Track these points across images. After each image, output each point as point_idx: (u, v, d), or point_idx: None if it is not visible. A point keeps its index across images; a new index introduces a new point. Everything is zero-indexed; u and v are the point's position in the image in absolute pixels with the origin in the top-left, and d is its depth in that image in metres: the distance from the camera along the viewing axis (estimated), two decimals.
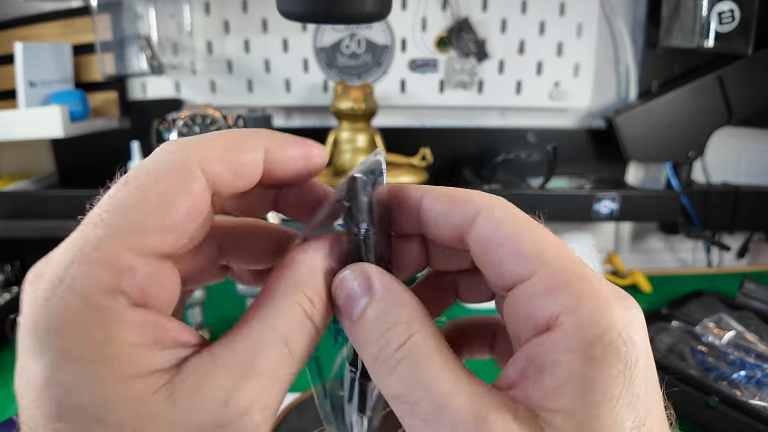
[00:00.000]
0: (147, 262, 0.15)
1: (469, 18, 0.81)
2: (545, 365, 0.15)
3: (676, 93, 0.80)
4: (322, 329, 0.18)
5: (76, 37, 0.82)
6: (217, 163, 0.16)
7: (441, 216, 0.18)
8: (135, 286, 0.15)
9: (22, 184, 0.82)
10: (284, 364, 0.17)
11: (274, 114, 0.83)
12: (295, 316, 0.17)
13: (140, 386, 0.14)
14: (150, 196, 0.15)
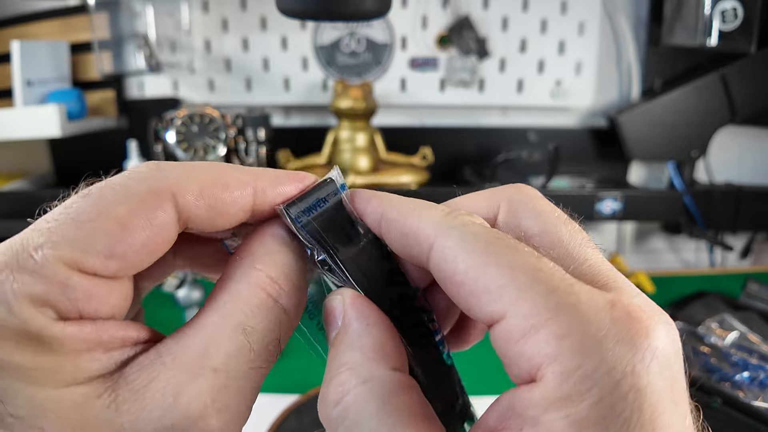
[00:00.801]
0: (86, 278, 0.14)
1: (470, 16, 0.80)
2: (525, 422, 0.13)
3: (679, 92, 0.79)
4: (294, 312, 0.16)
5: (74, 36, 0.81)
6: (193, 196, 0.15)
7: (399, 247, 0.16)
8: (66, 302, 0.13)
9: (19, 183, 0.82)
10: (243, 356, 0.15)
11: (272, 113, 0.83)
12: (255, 300, 0.15)
13: (80, 393, 0.13)
14: (105, 215, 0.14)
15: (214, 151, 0.58)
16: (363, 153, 0.77)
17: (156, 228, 0.14)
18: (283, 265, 0.16)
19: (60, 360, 0.13)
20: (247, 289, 0.15)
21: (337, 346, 0.15)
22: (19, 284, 0.13)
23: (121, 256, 0.14)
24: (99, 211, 0.14)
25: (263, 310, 0.15)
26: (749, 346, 0.55)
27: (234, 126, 0.60)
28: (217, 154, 0.58)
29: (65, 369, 0.13)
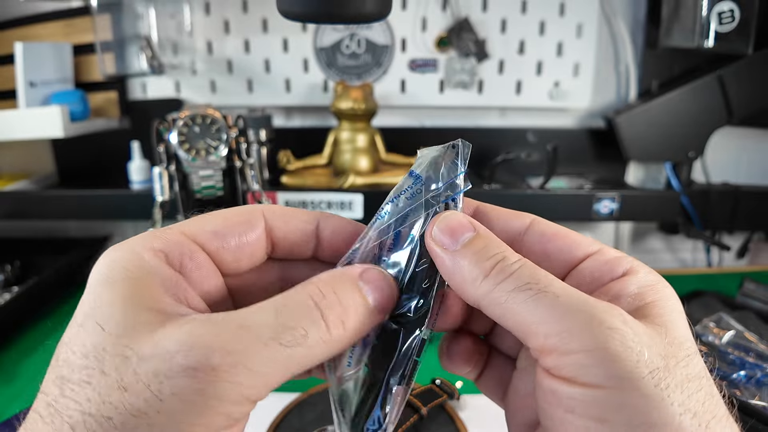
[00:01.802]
0: (190, 242, 0.19)
1: (469, 18, 0.81)
2: (631, 294, 0.20)
3: (676, 93, 0.80)
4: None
5: (77, 37, 0.82)
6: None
7: (503, 223, 0.22)
8: (175, 251, 0.19)
9: (22, 184, 0.83)
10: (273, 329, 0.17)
11: (274, 114, 0.83)
12: (304, 304, 0.18)
13: (147, 317, 0.16)
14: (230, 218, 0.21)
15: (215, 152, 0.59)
16: (363, 153, 0.77)
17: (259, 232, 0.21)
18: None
19: (147, 287, 0.18)
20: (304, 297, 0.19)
21: (481, 240, 0.20)
22: (144, 239, 0.19)
23: (221, 242, 0.20)
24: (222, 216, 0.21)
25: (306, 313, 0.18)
26: (746, 345, 0.56)
27: (235, 127, 0.60)
28: (219, 154, 0.59)
29: (148, 294, 0.18)
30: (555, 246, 0.21)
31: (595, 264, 0.21)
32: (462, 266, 0.19)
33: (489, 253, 0.19)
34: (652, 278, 0.20)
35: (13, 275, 0.78)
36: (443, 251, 0.20)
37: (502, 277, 0.19)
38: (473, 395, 0.53)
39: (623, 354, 0.16)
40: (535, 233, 0.22)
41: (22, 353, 0.62)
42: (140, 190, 0.78)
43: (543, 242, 0.22)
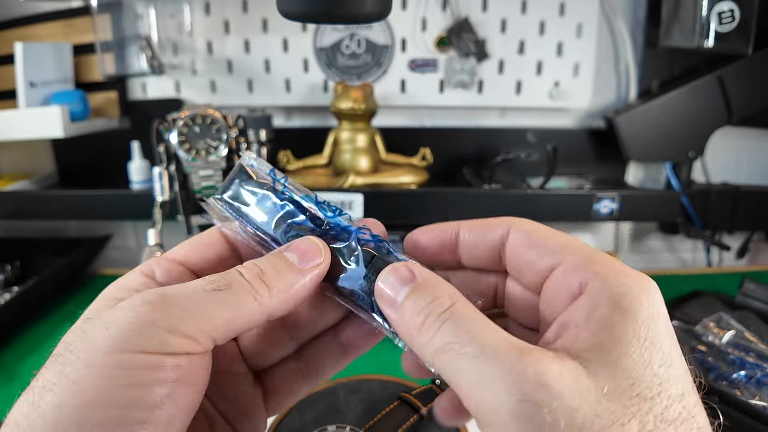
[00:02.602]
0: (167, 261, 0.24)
1: (469, 18, 0.81)
2: (579, 320, 0.18)
3: (676, 93, 0.80)
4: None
5: (77, 37, 0.82)
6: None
7: (478, 242, 0.23)
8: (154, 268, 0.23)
9: (23, 184, 0.83)
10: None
11: (274, 114, 0.83)
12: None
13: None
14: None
15: (215, 152, 0.59)
16: (363, 153, 0.78)
17: None
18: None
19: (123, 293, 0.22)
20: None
21: (418, 291, 0.20)
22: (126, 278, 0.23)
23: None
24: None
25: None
26: (746, 345, 0.56)
27: (235, 127, 0.60)
28: (219, 154, 0.59)
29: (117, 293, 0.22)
30: (526, 258, 0.21)
31: (556, 280, 0.20)
32: (401, 322, 0.20)
33: (419, 307, 0.19)
34: (611, 292, 0.18)
35: (13, 275, 0.78)
36: (388, 308, 0.21)
37: (430, 334, 0.18)
38: None
39: (536, 426, 0.15)
40: (511, 244, 0.22)
41: (22, 353, 0.62)
42: (140, 190, 0.78)
43: (518, 254, 0.22)
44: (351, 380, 0.53)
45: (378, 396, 0.51)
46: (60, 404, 0.16)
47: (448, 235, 0.23)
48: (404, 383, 0.53)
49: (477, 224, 0.23)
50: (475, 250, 0.23)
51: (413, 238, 0.25)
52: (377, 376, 0.54)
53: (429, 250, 0.24)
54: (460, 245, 0.23)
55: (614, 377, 0.16)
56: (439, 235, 0.24)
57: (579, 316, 0.18)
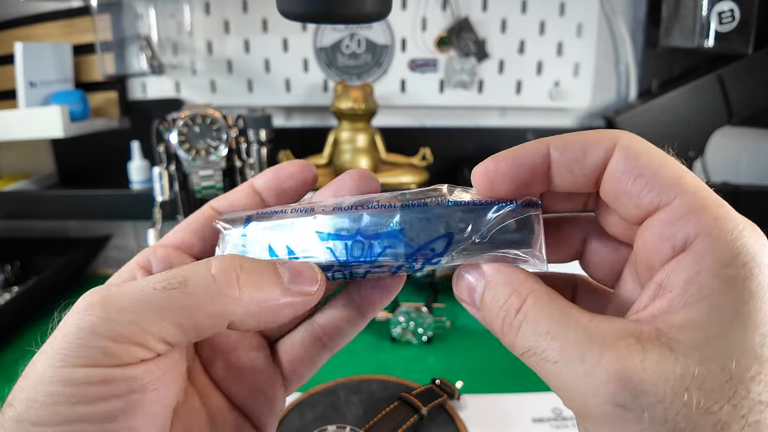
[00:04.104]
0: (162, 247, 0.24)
1: (469, 18, 0.81)
2: (676, 285, 0.16)
3: (676, 93, 0.80)
4: None
5: (77, 37, 0.82)
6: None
7: (574, 163, 0.19)
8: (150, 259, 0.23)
9: (23, 184, 0.83)
10: None
11: (274, 114, 0.83)
12: None
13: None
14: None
15: (215, 152, 0.59)
16: (363, 153, 0.78)
17: None
18: None
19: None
20: None
21: (490, 291, 0.19)
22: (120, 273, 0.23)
23: None
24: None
25: None
26: None
27: (235, 127, 0.60)
28: (219, 154, 0.59)
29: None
30: (629, 188, 0.17)
31: (660, 224, 0.17)
32: (488, 323, 0.20)
33: (495, 310, 0.19)
34: (719, 256, 0.15)
35: (13, 275, 0.78)
36: (472, 309, 0.20)
37: (513, 335, 0.18)
38: (473, 395, 0.53)
39: (619, 426, 0.15)
40: (614, 166, 0.18)
41: (22, 353, 0.62)
42: (140, 190, 0.78)
43: (619, 180, 0.18)
44: (351, 380, 0.53)
45: (378, 396, 0.51)
46: (19, 419, 0.16)
47: (537, 161, 0.19)
48: (404, 383, 0.53)
49: (572, 142, 0.19)
50: (569, 176, 0.19)
51: (488, 170, 0.20)
52: (377, 376, 0.54)
53: (512, 184, 0.19)
54: (553, 170, 0.19)
55: (706, 361, 0.15)
56: (523, 162, 0.19)
57: (677, 280, 0.16)
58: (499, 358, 0.61)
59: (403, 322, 0.63)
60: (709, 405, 0.14)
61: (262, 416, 0.24)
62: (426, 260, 0.20)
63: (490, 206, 0.20)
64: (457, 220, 0.20)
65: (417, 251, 0.20)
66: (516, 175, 0.19)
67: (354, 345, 0.64)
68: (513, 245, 0.20)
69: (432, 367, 0.60)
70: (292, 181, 0.24)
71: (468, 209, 0.20)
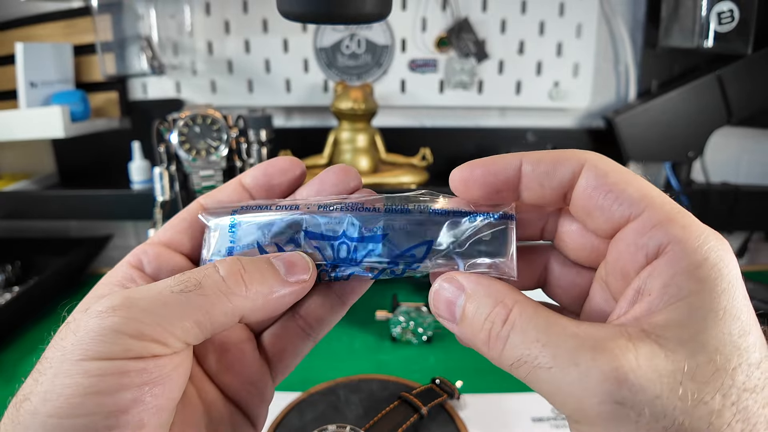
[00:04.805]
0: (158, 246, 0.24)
1: (469, 18, 0.81)
2: (654, 288, 0.17)
3: (676, 93, 0.80)
4: None
5: (77, 38, 0.82)
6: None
7: (544, 177, 0.20)
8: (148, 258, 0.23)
9: (23, 184, 0.83)
10: None
11: (274, 114, 0.83)
12: None
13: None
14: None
15: (216, 152, 0.59)
16: (363, 153, 0.78)
17: None
18: None
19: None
20: None
21: (471, 304, 0.20)
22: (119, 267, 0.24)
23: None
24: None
25: None
26: None
27: (236, 127, 0.60)
28: (219, 154, 0.59)
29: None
30: (600, 203, 0.19)
31: (632, 235, 0.18)
32: (469, 338, 0.20)
33: (479, 322, 0.19)
34: (690, 260, 0.17)
35: (14, 275, 0.78)
36: (450, 325, 0.20)
37: (498, 349, 0.18)
38: (473, 394, 0.53)
39: (617, 424, 0.16)
40: (583, 184, 0.19)
41: (22, 353, 0.62)
42: (141, 190, 0.78)
43: (589, 197, 0.19)
44: (351, 380, 0.53)
45: (378, 396, 0.51)
46: (34, 413, 0.17)
47: (509, 172, 0.20)
48: (404, 383, 0.53)
49: (543, 158, 0.20)
50: (538, 188, 0.20)
51: (463, 176, 0.22)
52: (377, 376, 0.54)
53: (484, 190, 0.21)
54: (522, 182, 0.20)
55: (693, 355, 0.16)
56: (496, 170, 0.21)
57: (655, 285, 0.17)
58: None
59: (403, 322, 0.63)
60: (702, 396, 0.15)
61: (254, 407, 0.24)
62: (406, 265, 0.21)
63: (469, 216, 0.21)
64: (437, 228, 0.21)
65: (398, 256, 0.21)
66: (489, 182, 0.21)
67: (354, 344, 0.65)
68: (488, 255, 0.21)
69: (432, 366, 0.60)
70: (281, 178, 0.25)
71: (447, 218, 0.22)
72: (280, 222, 0.23)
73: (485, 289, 0.19)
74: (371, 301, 0.72)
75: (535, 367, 0.17)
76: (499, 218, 0.21)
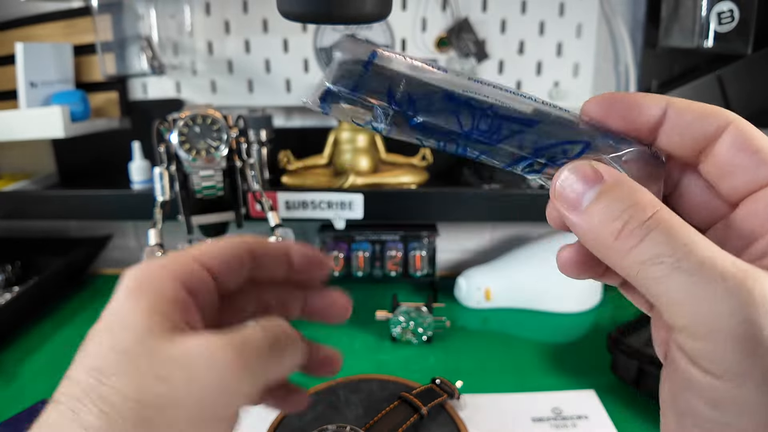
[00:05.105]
0: (202, 270, 0.23)
1: (469, 18, 0.81)
2: None
3: (676, 93, 0.80)
4: None
5: (77, 38, 0.82)
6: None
7: (687, 127, 0.19)
8: (191, 278, 0.23)
9: (23, 184, 0.83)
10: None
11: (274, 114, 0.83)
12: None
13: (163, 327, 0.21)
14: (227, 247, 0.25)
15: (216, 152, 0.59)
16: (363, 153, 0.78)
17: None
18: None
19: None
20: None
21: (610, 193, 0.18)
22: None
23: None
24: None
25: None
26: None
27: (236, 127, 0.60)
28: (220, 154, 0.59)
29: None
30: (742, 162, 0.19)
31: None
32: (589, 228, 0.18)
33: (617, 210, 0.18)
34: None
35: (14, 275, 0.78)
36: (570, 212, 0.19)
37: (631, 243, 0.17)
38: (473, 394, 0.53)
39: (754, 347, 0.15)
40: (727, 141, 0.19)
41: (22, 353, 0.62)
42: (141, 190, 0.78)
43: (731, 155, 0.19)
44: (351, 380, 0.53)
45: (378, 396, 0.51)
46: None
47: (654, 111, 0.20)
48: (404, 383, 0.53)
49: (691, 107, 0.19)
50: (680, 137, 0.20)
51: (604, 106, 0.20)
52: (377, 376, 0.54)
53: (623, 123, 0.20)
54: (664, 126, 0.20)
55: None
56: (641, 108, 0.20)
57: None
58: (499, 358, 0.61)
59: (403, 322, 0.63)
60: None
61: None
62: (551, 160, 0.19)
63: (630, 142, 0.20)
64: (599, 136, 0.20)
65: (548, 148, 0.19)
66: (630, 117, 0.20)
67: (354, 344, 0.65)
68: None
69: (432, 366, 0.60)
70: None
71: (609, 134, 0.20)
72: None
73: (630, 186, 0.18)
74: (371, 301, 0.72)
75: (676, 270, 0.16)
76: (653, 155, 0.20)
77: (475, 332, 0.67)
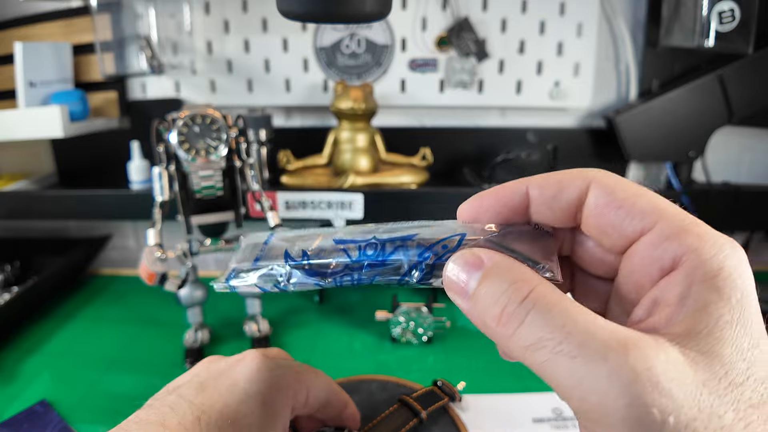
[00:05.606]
0: (305, 391, 0.35)
1: (469, 17, 0.81)
2: (673, 300, 0.17)
3: (677, 92, 0.80)
4: None
5: (76, 37, 0.82)
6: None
7: (552, 200, 0.20)
8: (297, 393, 0.33)
9: (22, 184, 0.83)
10: None
11: (274, 113, 0.83)
12: None
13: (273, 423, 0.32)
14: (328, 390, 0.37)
15: (215, 152, 0.58)
16: (363, 153, 0.77)
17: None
18: None
19: None
20: None
21: (490, 277, 0.19)
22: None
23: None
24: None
25: None
26: None
27: (235, 127, 0.60)
28: (219, 154, 0.59)
29: None
30: (611, 220, 0.19)
31: (646, 248, 0.18)
32: (478, 314, 0.19)
33: (495, 296, 0.18)
34: (706, 269, 0.17)
35: (13, 275, 0.78)
36: (460, 299, 0.19)
37: (513, 327, 0.17)
38: (475, 395, 0.53)
39: (645, 429, 0.15)
40: (592, 202, 0.19)
41: (22, 353, 0.62)
42: (140, 190, 0.78)
43: (600, 215, 0.19)
44: (350, 380, 0.53)
45: (377, 397, 0.51)
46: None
47: (517, 198, 0.21)
48: (404, 384, 0.53)
49: (549, 181, 0.20)
50: (547, 211, 0.20)
51: (473, 208, 0.22)
52: (377, 377, 0.54)
53: (495, 219, 0.21)
54: (531, 207, 0.21)
55: (710, 366, 0.15)
56: (504, 198, 0.21)
57: (672, 295, 0.17)
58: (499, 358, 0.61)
59: (403, 322, 0.63)
60: (717, 410, 0.15)
61: None
62: (438, 257, 0.21)
63: (513, 224, 0.21)
64: (472, 229, 0.21)
65: (429, 248, 0.21)
66: (499, 212, 0.21)
67: (354, 345, 0.64)
68: (530, 256, 0.20)
69: (432, 367, 0.60)
70: None
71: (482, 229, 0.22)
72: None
73: (507, 266, 0.18)
74: (371, 301, 0.72)
75: (557, 354, 0.16)
76: (536, 229, 0.21)
77: (475, 332, 0.67)
